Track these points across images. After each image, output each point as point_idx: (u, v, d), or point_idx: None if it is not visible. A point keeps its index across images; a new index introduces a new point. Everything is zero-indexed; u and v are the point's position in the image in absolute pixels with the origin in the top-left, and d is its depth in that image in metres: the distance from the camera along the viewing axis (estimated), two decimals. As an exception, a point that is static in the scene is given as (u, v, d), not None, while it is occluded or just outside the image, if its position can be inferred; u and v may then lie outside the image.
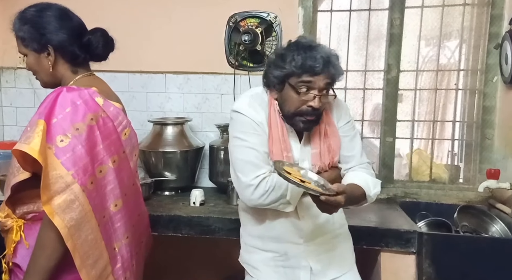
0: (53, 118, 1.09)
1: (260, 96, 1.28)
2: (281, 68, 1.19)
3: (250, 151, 1.21)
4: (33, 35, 1.20)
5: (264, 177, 1.19)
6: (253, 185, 1.19)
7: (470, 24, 2.13)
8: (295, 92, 1.19)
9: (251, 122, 1.23)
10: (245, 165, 1.21)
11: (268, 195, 1.19)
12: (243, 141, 1.22)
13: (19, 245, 1.17)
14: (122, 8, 2.19)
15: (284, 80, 1.20)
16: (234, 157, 1.24)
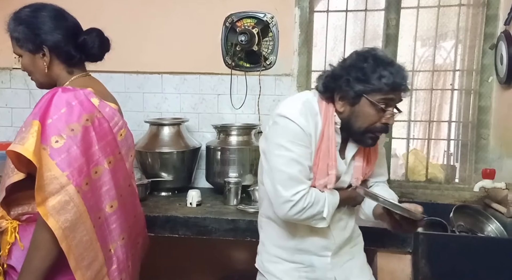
0: (48, 119, 1.08)
1: (311, 104, 1.20)
2: (366, 83, 1.11)
3: (294, 164, 1.14)
4: (28, 36, 1.19)
5: (304, 193, 1.14)
6: (293, 201, 1.13)
7: (465, 25, 2.14)
8: (374, 108, 1.13)
9: (301, 133, 1.14)
10: (288, 179, 1.14)
11: (305, 212, 1.15)
12: (289, 152, 1.14)
13: (13, 247, 1.17)
14: (119, 9, 2.19)
15: (361, 95, 1.13)
16: (275, 167, 1.16)
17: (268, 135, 1.21)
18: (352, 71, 1.14)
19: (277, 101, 2.16)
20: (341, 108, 1.18)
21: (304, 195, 1.14)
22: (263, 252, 1.34)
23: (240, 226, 1.66)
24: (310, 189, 1.16)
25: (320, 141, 1.17)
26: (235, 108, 2.17)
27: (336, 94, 1.17)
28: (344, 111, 1.18)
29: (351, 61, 1.16)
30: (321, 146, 1.17)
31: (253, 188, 1.89)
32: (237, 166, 1.98)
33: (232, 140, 2.01)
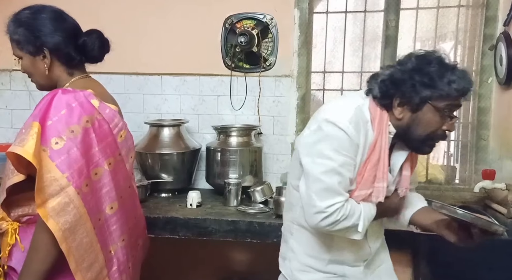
0: (48, 121, 1.09)
1: (362, 110, 1.12)
2: (433, 88, 1.04)
3: (334, 174, 1.08)
4: (28, 38, 1.19)
5: (339, 206, 1.08)
6: (326, 212, 1.07)
7: (465, 26, 2.15)
8: (439, 115, 1.07)
9: (348, 143, 1.08)
10: (324, 189, 1.08)
11: (338, 224, 1.09)
12: (331, 161, 1.08)
13: (14, 248, 1.16)
14: (118, 10, 2.19)
15: (426, 101, 1.06)
16: (313, 175, 1.10)
17: (309, 140, 1.13)
18: (416, 75, 1.06)
19: (277, 102, 2.16)
20: (399, 114, 1.11)
21: (339, 208, 1.08)
22: (294, 260, 1.27)
23: (240, 227, 1.66)
24: (346, 201, 1.10)
25: (371, 152, 1.11)
26: (235, 110, 2.18)
27: (395, 99, 1.10)
28: (403, 118, 1.11)
29: (413, 64, 1.08)
30: (371, 156, 1.11)
31: (253, 189, 1.89)
32: (237, 167, 1.98)
33: (232, 141, 2.01)
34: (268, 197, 1.86)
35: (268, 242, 1.65)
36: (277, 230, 1.63)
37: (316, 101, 2.29)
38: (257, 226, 1.64)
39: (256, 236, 1.65)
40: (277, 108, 2.16)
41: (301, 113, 2.16)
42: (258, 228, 1.64)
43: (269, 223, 1.64)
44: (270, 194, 1.87)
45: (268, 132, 2.18)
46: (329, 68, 2.27)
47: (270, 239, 1.64)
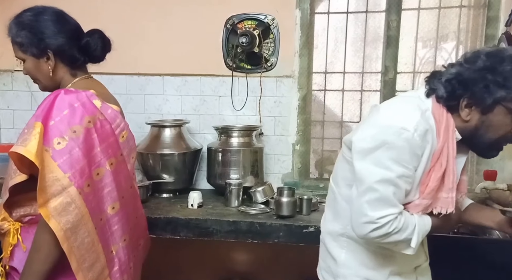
0: (50, 121, 1.09)
1: (426, 115, 1.04)
2: (507, 89, 0.97)
3: (391, 185, 1.01)
4: (31, 41, 1.19)
5: (392, 218, 1.01)
6: (377, 223, 1.01)
7: (466, 26, 2.14)
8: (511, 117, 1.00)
9: (410, 153, 1.00)
10: (378, 199, 1.02)
11: (389, 237, 1.03)
12: (389, 171, 1.01)
13: (16, 248, 1.17)
14: (119, 10, 2.19)
15: (499, 102, 0.99)
16: (368, 183, 1.03)
17: (366, 145, 1.04)
18: (488, 75, 0.98)
19: (278, 102, 2.16)
20: (467, 116, 1.03)
21: (391, 220, 1.01)
22: (351, 276, 1.18)
23: (241, 227, 1.66)
24: (400, 213, 1.03)
25: (436, 160, 1.03)
26: (236, 110, 2.18)
27: (463, 100, 1.02)
28: (470, 120, 1.04)
29: (485, 63, 1.00)
30: (435, 165, 1.03)
31: (254, 190, 1.89)
32: (238, 167, 1.98)
33: (233, 141, 2.02)
34: (269, 197, 1.86)
35: (269, 242, 1.65)
36: (278, 230, 1.63)
37: (317, 102, 2.29)
38: (258, 227, 1.64)
39: (257, 236, 1.65)
40: (278, 108, 2.16)
41: (302, 114, 2.16)
42: (259, 228, 1.64)
43: (270, 223, 1.64)
44: (271, 195, 1.87)
45: (269, 133, 2.18)
46: (331, 69, 2.27)
47: (271, 239, 1.64)
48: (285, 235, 1.63)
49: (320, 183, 2.18)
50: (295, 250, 1.85)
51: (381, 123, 1.04)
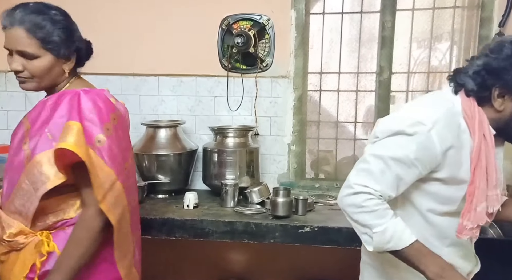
0: (84, 120, 1.12)
1: (453, 112, 1.03)
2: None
3: (382, 162, 1.01)
4: (63, 41, 1.17)
5: (369, 191, 1.00)
6: (353, 189, 1.01)
7: (460, 27, 2.16)
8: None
9: (421, 145, 0.99)
10: (365, 170, 1.02)
11: (358, 212, 1.01)
12: (387, 150, 1.01)
13: (50, 254, 1.15)
14: (115, 11, 2.18)
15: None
16: (366, 154, 1.04)
17: (381, 134, 1.05)
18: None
19: (274, 103, 2.17)
20: (500, 106, 1.02)
21: (367, 193, 1.00)
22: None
23: (237, 228, 1.66)
24: (381, 197, 1.01)
25: (477, 158, 1.00)
26: (232, 110, 2.18)
27: (495, 90, 1.01)
28: (504, 110, 1.02)
29: (511, 50, 1.00)
30: (477, 163, 1.00)
31: (250, 190, 1.89)
32: (234, 168, 1.98)
33: (229, 141, 2.01)
34: (265, 197, 1.86)
35: (265, 243, 1.65)
36: (273, 231, 1.63)
37: (313, 102, 2.30)
38: (254, 227, 1.64)
39: (253, 237, 1.65)
40: (274, 109, 2.17)
41: (298, 114, 2.17)
42: (255, 229, 1.64)
43: (266, 223, 1.64)
44: (267, 195, 1.87)
45: (265, 133, 2.18)
46: (326, 69, 2.27)
47: (267, 239, 1.64)
48: (281, 235, 1.63)
49: (316, 183, 2.18)
50: (291, 250, 1.86)
51: (401, 115, 1.05)
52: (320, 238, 1.60)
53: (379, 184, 1.02)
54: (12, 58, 1.17)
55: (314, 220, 1.67)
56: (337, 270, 2.12)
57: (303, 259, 2.11)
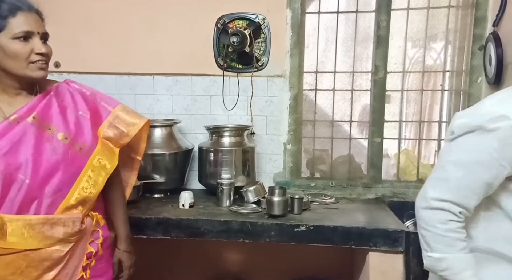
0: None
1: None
2: None
3: (461, 169, 0.93)
4: None
5: (452, 211, 0.93)
6: (430, 204, 0.95)
7: (455, 26, 2.17)
8: None
9: (503, 141, 0.90)
10: (442, 179, 0.96)
11: (426, 231, 0.97)
12: (468, 154, 0.93)
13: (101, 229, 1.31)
14: (110, 10, 2.17)
15: None
16: (444, 160, 0.97)
17: (458, 130, 0.97)
18: None
19: (270, 102, 2.17)
20: None
21: (449, 215, 0.93)
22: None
23: (232, 227, 1.66)
24: (461, 222, 0.94)
25: None
26: (228, 110, 2.17)
27: None
28: None
29: None
30: None
31: (246, 189, 1.89)
32: (229, 167, 1.98)
33: (224, 141, 2.01)
34: (260, 197, 1.86)
35: (261, 242, 1.65)
36: (269, 230, 1.63)
37: (309, 101, 2.30)
38: (250, 226, 1.64)
39: (249, 236, 1.65)
40: (269, 108, 2.17)
41: (293, 113, 2.17)
42: (251, 228, 1.64)
43: (261, 223, 1.64)
44: (263, 194, 1.88)
45: (260, 132, 2.18)
46: (321, 68, 2.28)
47: (263, 239, 1.64)
48: (277, 234, 1.63)
49: (312, 182, 2.19)
50: (287, 249, 1.86)
51: (481, 110, 0.96)
52: (316, 237, 1.61)
53: (459, 196, 0.94)
54: (33, 42, 1.12)
55: (310, 219, 1.67)
56: (332, 268, 2.13)
57: (298, 258, 2.12)
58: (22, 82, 1.16)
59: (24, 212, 1.12)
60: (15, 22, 1.09)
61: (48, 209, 1.15)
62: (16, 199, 1.11)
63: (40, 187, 1.13)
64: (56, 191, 1.15)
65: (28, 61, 1.11)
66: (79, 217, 1.20)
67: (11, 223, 1.10)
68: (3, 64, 1.12)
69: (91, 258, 1.25)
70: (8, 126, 1.13)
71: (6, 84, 1.15)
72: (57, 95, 1.21)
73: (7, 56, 1.10)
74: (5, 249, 1.11)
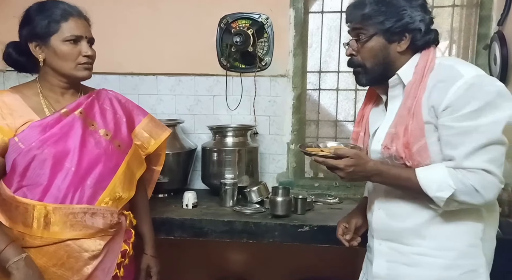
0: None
1: None
2: None
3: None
4: None
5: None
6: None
7: (459, 25, 2.16)
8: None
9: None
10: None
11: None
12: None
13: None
14: (113, 10, 2.18)
15: None
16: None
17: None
18: None
19: (273, 102, 2.16)
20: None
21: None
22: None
23: (236, 227, 1.65)
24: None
25: None
26: (231, 110, 2.17)
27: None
28: None
29: None
30: None
31: (249, 189, 1.88)
32: (233, 167, 1.98)
33: (228, 141, 2.01)
34: (264, 197, 1.86)
35: (264, 242, 1.65)
36: (273, 230, 1.63)
37: (312, 101, 2.29)
38: (253, 226, 1.64)
39: (252, 236, 1.64)
40: (272, 108, 2.16)
41: (296, 113, 2.16)
42: (254, 228, 1.64)
43: (265, 223, 1.64)
44: (266, 194, 1.87)
45: (264, 132, 2.18)
46: (325, 68, 2.27)
47: (266, 239, 1.63)
48: (280, 234, 1.63)
49: (315, 182, 2.18)
50: (290, 249, 1.86)
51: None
52: (319, 237, 1.60)
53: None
54: (81, 45, 1.24)
55: (313, 219, 1.67)
56: (336, 269, 2.12)
57: (302, 258, 2.11)
58: (68, 81, 1.28)
59: (67, 201, 1.19)
60: (67, 27, 1.21)
61: (89, 200, 1.21)
62: (62, 186, 1.19)
63: (83, 177, 1.21)
64: (97, 182, 1.23)
65: (76, 62, 1.23)
66: (116, 210, 1.26)
67: (54, 212, 1.17)
68: (53, 64, 1.23)
69: (125, 256, 1.29)
70: (59, 118, 1.23)
71: (54, 84, 1.27)
72: (98, 99, 1.34)
73: (57, 57, 1.21)
74: (48, 238, 1.17)
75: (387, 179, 1.13)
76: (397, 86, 1.17)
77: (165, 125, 1.53)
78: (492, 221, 1.18)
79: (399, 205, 1.17)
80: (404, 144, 1.09)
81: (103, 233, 1.24)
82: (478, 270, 1.13)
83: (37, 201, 1.17)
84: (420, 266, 1.14)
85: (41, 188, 1.17)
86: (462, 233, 1.12)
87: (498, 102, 1.02)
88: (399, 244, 1.17)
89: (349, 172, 1.10)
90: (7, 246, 1.13)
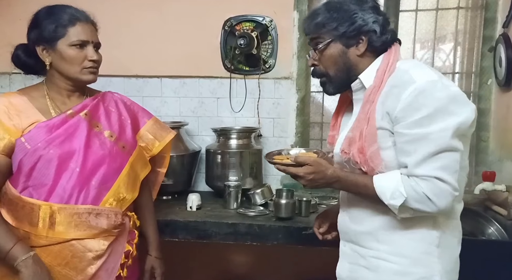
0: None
1: None
2: None
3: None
4: None
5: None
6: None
7: (464, 27, 2.15)
8: None
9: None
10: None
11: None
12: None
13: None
14: (117, 13, 2.19)
15: None
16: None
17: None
18: None
19: (277, 104, 2.16)
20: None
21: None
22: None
23: (240, 229, 1.65)
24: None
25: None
26: (235, 112, 2.17)
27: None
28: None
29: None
30: None
31: (253, 192, 1.88)
32: (237, 169, 1.98)
33: (232, 143, 2.01)
34: (268, 199, 1.86)
35: (268, 244, 1.65)
36: (277, 232, 1.63)
37: (316, 103, 2.29)
38: (257, 229, 1.64)
39: (256, 238, 1.64)
40: (276, 110, 2.16)
41: (300, 116, 2.16)
42: (258, 230, 1.64)
43: (269, 225, 1.64)
44: (270, 196, 1.87)
45: (268, 135, 2.18)
46: (329, 70, 2.27)
47: (270, 241, 1.63)
48: (284, 237, 1.62)
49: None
50: (294, 251, 1.85)
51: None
52: (324, 239, 1.59)
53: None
54: (87, 49, 1.25)
55: (318, 222, 1.66)
56: (340, 272, 2.11)
57: (306, 260, 2.10)
58: (74, 84, 1.29)
59: (72, 201, 1.20)
60: (74, 31, 1.23)
61: (94, 200, 1.22)
62: (67, 186, 1.20)
63: (88, 178, 1.23)
64: (101, 183, 1.24)
65: (82, 66, 1.25)
66: (120, 211, 1.27)
67: (59, 212, 1.18)
68: (60, 68, 1.25)
69: (128, 257, 1.30)
70: (65, 119, 1.25)
71: (60, 86, 1.29)
72: (104, 101, 1.36)
73: (64, 60, 1.23)
74: (53, 238, 1.19)
75: (347, 186, 1.14)
76: (361, 90, 1.16)
77: (170, 128, 1.54)
78: (452, 228, 1.15)
79: (359, 208, 1.17)
80: (359, 148, 1.09)
81: (107, 234, 1.24)
82: (432, 278, 1.09)
83: (42, 201, 1.18)
84: (377, 270, 1.13)
85: (46, 188, 1.19)
86: (416, 239, 1.10)
87: (450, 108, 1.00)
88: (359, 246, 1.18)
89: (309, 179, 1.10)
90: (15, 245, 1.14)
